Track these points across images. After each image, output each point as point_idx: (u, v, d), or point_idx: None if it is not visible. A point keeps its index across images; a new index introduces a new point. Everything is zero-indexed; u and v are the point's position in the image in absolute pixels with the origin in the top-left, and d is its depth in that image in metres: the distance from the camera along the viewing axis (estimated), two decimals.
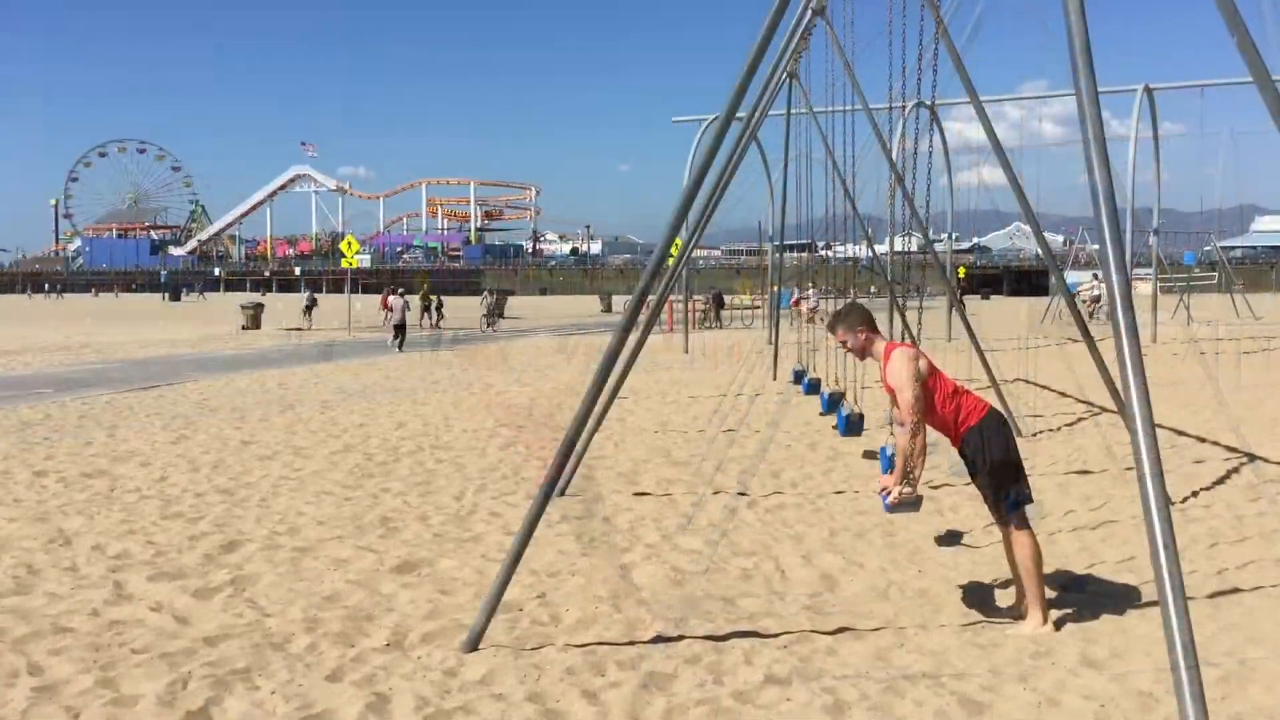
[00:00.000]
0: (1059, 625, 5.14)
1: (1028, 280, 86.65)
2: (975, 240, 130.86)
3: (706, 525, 7.40)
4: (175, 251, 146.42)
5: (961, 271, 68.68)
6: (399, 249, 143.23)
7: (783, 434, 11.47)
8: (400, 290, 30.63)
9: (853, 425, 9.13)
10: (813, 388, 11.98)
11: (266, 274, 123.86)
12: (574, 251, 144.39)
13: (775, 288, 22.93)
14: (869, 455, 9.69)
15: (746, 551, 6.67)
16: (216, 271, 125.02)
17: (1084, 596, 5.68)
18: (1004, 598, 5.65)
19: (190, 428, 12.13)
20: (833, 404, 10.06)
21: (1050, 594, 5.52)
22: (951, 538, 6.96)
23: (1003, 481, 5.07)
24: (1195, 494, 8.14)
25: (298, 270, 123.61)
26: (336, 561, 6.44)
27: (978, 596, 5.75)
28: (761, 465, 9.54)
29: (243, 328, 36.44)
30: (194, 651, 4.85)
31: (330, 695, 4.36)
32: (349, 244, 36.86)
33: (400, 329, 26.80)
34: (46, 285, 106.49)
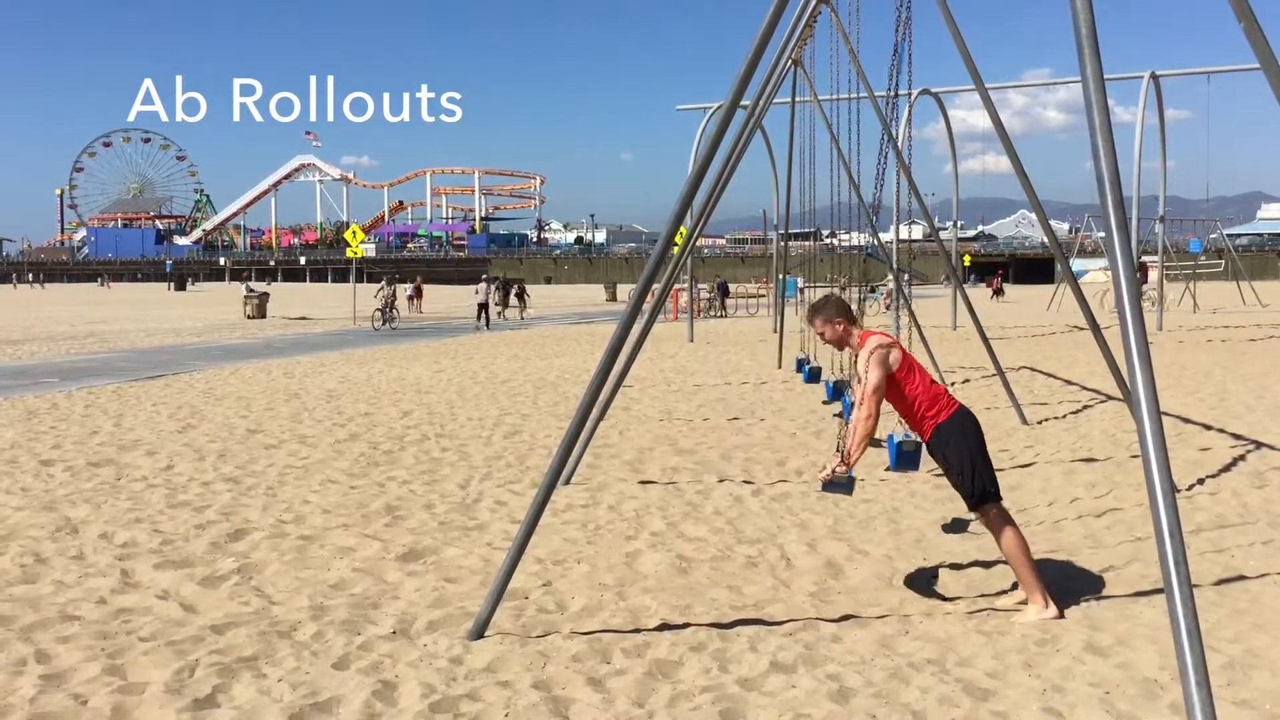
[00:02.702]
0: (1062, 612, 5.14)
1: (1034, 268, 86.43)
2: (980, 228, 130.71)
3: (712, 513, 7.41)
4: (180, 241, 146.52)
5: (967, 260, 68.55)
6: (403, 238, 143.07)
7: (788, 422, 11.47)
8: (484, 276, 35.27)
9: None
10: (814, 377, 11.97)
11: (272, 263, 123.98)
12: (579, 240, 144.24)
13: (781, 276, 22.95)
14: (873, 443, 9.68)
15: (752, 539, 6.68)
16: (222, 261, 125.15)
17: (1089, 583, 5.68)
18: (1008, 585, 5.65)
19: (196, 416, 12.16)
20: (837, 392, 10.06)
21: (1055, 582, 5.52)
22: (957, 525, 6.96)
23: (971, 478, 5.15)
24: (1201, 481, 8.14)
25: (303, 260, 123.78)
26: (342, 550, 6.46)
27: (982, 584, 5.76)
28: (766, 453, 9.54)
29: (248, 317, 36.50)
30: (201, 639, 4.87)
31: (337, 683, 4.37)
32: (354, 233, 36.89)
33: (483, 309, 30.96)
34: (31, 275, 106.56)
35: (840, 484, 5.29)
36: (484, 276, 35.64)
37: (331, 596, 5.54)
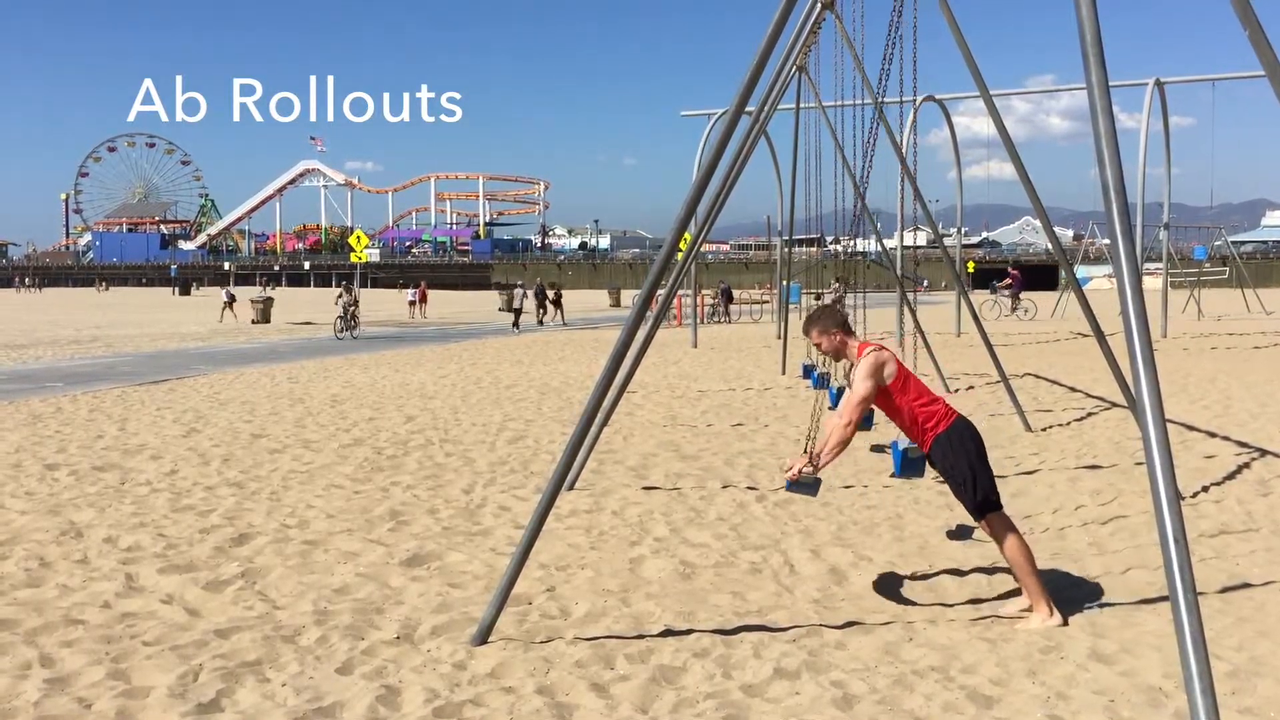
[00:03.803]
0: (1067, 619, 5.13)
1: (1038, 274, 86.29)
2: (985, 234, 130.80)
3: (715, 519, 7.40)
4: (185, 246, 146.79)
5: (971, 266, 68.48)
6: (408, 243, 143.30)
7: (792, 428, 11.47)
8: (519, 283, 37.07)
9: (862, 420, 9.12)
10: (822, 382, 11.96)
11: (276, 268, 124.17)
12: (583, 246, 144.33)
13: (785, 281, 22.96)
14: (877, 449, 9.69)
15: (755, 545, 6.68)
16: (226, 265, 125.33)
17: (1093, 591, 5.67)
18: (1013, 592, 5.64)
19: (201, 421, 12.17)
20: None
21: (1059, 589, 5.52)
22: (962, 532, 6.96)
23: (972, 488, 5.15)
24: (1205, 489, 8.12)
25: (307, 264, 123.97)
26: (346, 554, 6.46)
27: (987, 591, 5.75)
28: (770, 459, 9.54)
29: (252, 321, 36.57)
30: (205, 644, 4.87)
31: (341, 687, 4.37)
32: (358, 238, 36.97)
33: (517, 313, 32.31)
34: (28, 279, 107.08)
35: (806, 484, 5.21)
36: (519, 283, 37.01)
37: (335, 601, 5.54)
